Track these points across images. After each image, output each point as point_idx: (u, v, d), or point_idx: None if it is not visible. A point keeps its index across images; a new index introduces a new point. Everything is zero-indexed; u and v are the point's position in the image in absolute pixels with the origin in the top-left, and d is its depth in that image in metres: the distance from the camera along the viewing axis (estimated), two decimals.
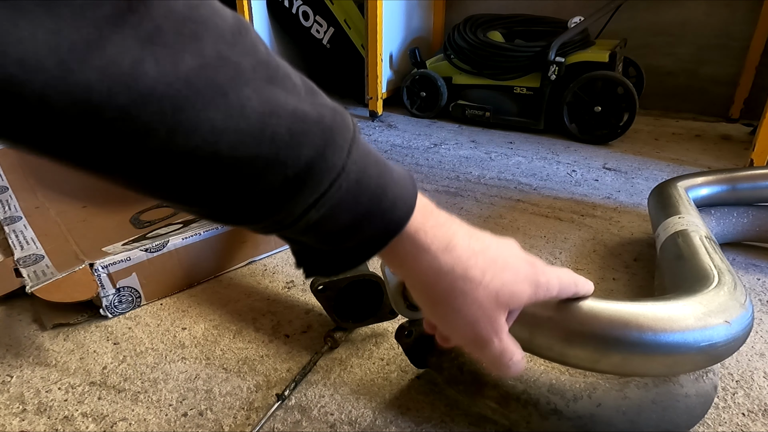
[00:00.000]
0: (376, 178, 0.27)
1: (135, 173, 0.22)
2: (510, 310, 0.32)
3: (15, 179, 0.93)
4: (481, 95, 1.42)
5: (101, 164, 0.22)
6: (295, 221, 0.25)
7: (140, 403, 0.51)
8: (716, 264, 0.48)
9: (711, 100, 1.53)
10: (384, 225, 0.28)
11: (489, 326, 0.31)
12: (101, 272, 0.60)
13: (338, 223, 0.26)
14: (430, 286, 0.30)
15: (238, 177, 0.23)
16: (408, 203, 0.28)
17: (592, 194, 1.01)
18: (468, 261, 0.30)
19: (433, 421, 0.48)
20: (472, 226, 0.32)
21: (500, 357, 0.32)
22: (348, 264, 0.29)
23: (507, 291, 0.31)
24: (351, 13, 1.56)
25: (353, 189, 0.26)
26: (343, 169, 0.25)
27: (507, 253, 0.32)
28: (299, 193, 0.24)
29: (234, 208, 0.25)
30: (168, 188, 0.23)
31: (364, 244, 0.28)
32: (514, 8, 1.61)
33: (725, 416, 0.49)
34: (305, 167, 0.24)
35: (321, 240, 0.28)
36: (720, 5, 1.44)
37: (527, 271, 0.32)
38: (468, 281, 0.30)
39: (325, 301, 0.56)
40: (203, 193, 0.23)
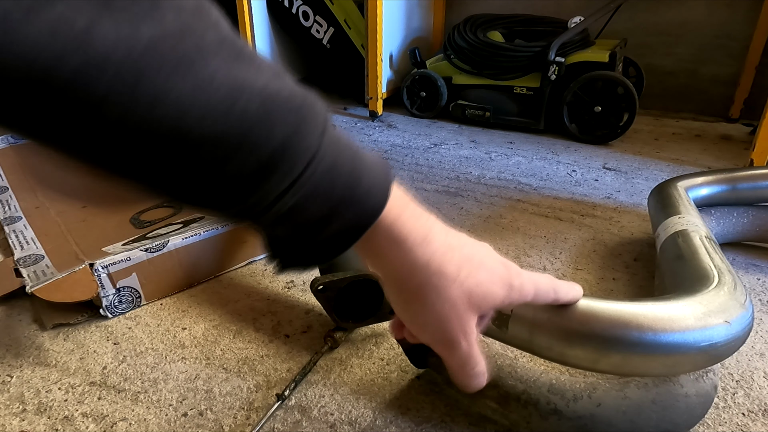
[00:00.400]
0: (350, 164, 0.26)
1: (94, 148, 0.21)
2: (481, 314, 0.31)
3: (15, 179, 0.93)
4: (481, 95, 1.42)
5: (56, 136, 0.20)
6: (267, 208, 0.24)
7: (140, 403, 0.51)
8: (716, 264, 0.48)
9: (711, 100, 1.53)
10: (358, 214, 0.26)
11: (458, 326, 0.30)
12: (101, 272, 0.60)
13: (312, 213, 0.25)
14: (404, 280, 0.30)
15: (206, 157, 0.21)
16: (383, 191, 0.27)
17: (592, 194, 1.01)
18: (444, 256, 0.29)
19: (433, 421, 0.48)
20: (446, 224, 0.31)
21: (466, 362, 0.31)
22: (323, 256, 0.28)
23: (480, 291, 0.30)
24: (351, 13, 1.56)
25: (327, 175, 0.25)
26: (317, 151, 0.24)
27: (483, 253, 0.32)
28: (272, 176, 0.23)
29: (203, 191, 0.23)
30: (130, 167, 0.22)
31: (338, 235, 0.27)
32: (514, 8, 1.61)
33: (725, 416, 0.49)
34: (279, 148, 0.22)
35: (294, 231, 0.26)
36: (720, 5, 1.44)
37: (502, 272, 0.32)
38: (442, 277, 0.29)
39: (325, 301, 0.56)
40: (169, 174, 0.22)
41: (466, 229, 0.88)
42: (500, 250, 0.79)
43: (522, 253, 0.79)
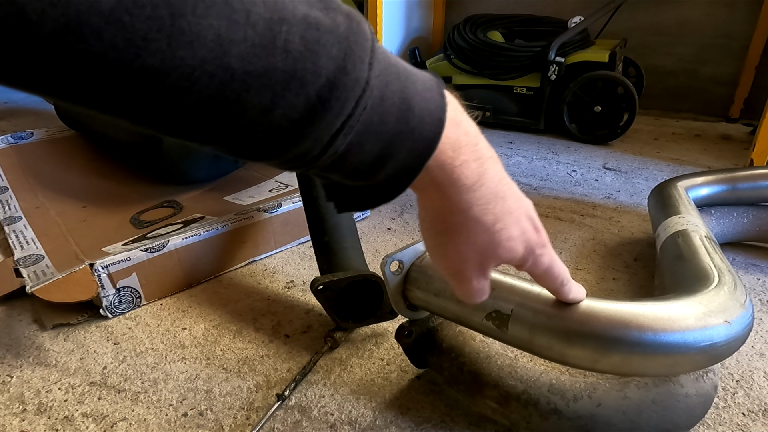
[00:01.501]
0: (400, 93, 0.24)
1: (139, 102, 0.19)
2: (501, 261, 0.32)
3: (15, 179, 0.93)
4: (481, 95, 1.42)
5: (97, 92, 0.19)
6: (321, 152, 0.23)
7: (140, 403, 0.51)
8: (716, 264, 0.48)
9: (711, 100, 1.53)
10: (414, 147, 0.25)
11: (476, 268, 0.31)
12: (101, 272, 0.60)
13: (366, 154, 0.24)
14: (441, 215, 0.30)
15: (254, 101, 0.20)
16: (436, 117, 0.26)
17: (592, 194, 1.01)
18: (487, 205, 0.29)
19: (433, 421, 0.48)
20: (502, 166, 0.31)
21: (473, 294, 0.33)
22: (382, 197, 0.27)
23: (507, 245, 0.31)
24: None
25: (378, 108, 0.23)
26: (367, 84, 0.22)
27: (522, 211, 0.32)
28: (324, 116, 0.22)
29: (255, 140, 0.22)
30: (177, 117, 0.20)
31: (393, 178, 0.26)
32: (514, 8, 1.61)
33: (725, 416, 0.49)
34: (327, 84, 0.21)
35: (350, 175, 0.25)
36: (720, 5, 1.44)
37: (531, 236, 0.32)
38: (478, 224, 0.29)
39: (325, 301, 0.56)
40: (218, 121, 0.21)
41: None
42: None
43: None
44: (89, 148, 1.07)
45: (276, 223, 0.77)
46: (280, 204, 0.77)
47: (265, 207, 0.76)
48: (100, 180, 0.94)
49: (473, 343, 0.47)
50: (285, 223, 0.78)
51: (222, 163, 0.94)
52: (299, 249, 0.80)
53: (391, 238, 0.84)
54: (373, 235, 0.84)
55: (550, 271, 0.34)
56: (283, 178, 0.92)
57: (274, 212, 0.76)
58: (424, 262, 0.45)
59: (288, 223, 0.78)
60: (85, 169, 0.98)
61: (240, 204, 0.82)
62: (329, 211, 0.63)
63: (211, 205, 0.82)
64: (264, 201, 0.82)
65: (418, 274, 0.45)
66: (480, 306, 0.40)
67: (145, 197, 0.86)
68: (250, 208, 0.77)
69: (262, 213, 0.75)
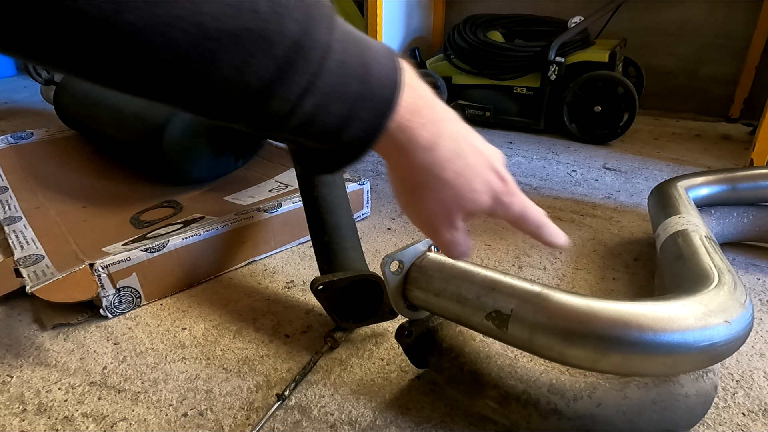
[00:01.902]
0: (358, 57, 0.26)
1: (118, 58, 0.21)
2: (469, 213, 0.35)
3: (15, 179, 0.93)
4: (481, 95, 1.42)
5: (74, 51, 0.20)
6: (290, 112, 0.25)
7: (140, 403, 0.51)
8: (716, 264, 0.48)
9: (711, 100, 1.53)
10: (375, 109, 0.27)
11: (445, 221, 0.34)
12: (101, 272, 0.60)
13: (332, 115, 0.26)
14: (405, 176, 0.32)
15: (228, 56, 0.22)
16: (392, 80, 0.28)
17: (592, 194, 1.01)
18: (446, 162, 0.31)
19: (433, 421, 0.48)
20: (463, 123, 0.33)
21: (447, 245, 0.36)
22: (348, 158, 0.29)
23: (471, 197, 0.33)
24: (351, 13, 1.56)
25: (340, 71, 0.25)
26: (329, 47, 0.24)
27: (485, 164, 0.34)
28: (291, 75, 0.23)
29: (228, 96, 0.23)
30: (154, 75, 0.22)
31: (362, 134, 0.28)
32: (514, 8, 1.61)
33: (725, 416, 0.49)
34: (293, 45, 0.23)
35: (318, 137, 0.27)
36: (720, 5, 1.44)
37: (496, 186, 0.34)
38: (439, 180, 0.32)
39: (325, 301, 0.56)
40: (194, 79, 0.22)
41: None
42: (500, 249, 0.79)
43: (522, 252, 0.79)
44: (89, 148, 1.07)
45: (276, 223, 0.77)
46: (280, 204, 0.77)
47: (265, 207, 0.76)
48: (100, 180, 0.94)
49: (473, 343, 0.47)
50: (285, 223, 0.78)
51: (222, 163, 0.94)
52: (299, 249, 0.80)
53: (391, 238, 0.84)
54: (373, 235, 0.84)
55: (524, 216, 0.36)
56: (283, 178, 0.92)
57: (274, 212, 0.76)
58: (424, 262, 0.45)
59: (288, 223, 0.78)
60: (85, 169, 0.98)
61: (240, 204, 0.82)
62: (329, 211, 0.63)
63: (211, 205, 0.82)
64: (264, 201, 0.82)
65: (418, 274, 0.45)
66: (480, 306, 0.40)
67: (145, 197, 0.86)
68: (250, 208, 0.77)
69: (262, 213, 0.75)
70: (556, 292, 0.38)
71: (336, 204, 0.64)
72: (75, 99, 1.03)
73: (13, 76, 2.20)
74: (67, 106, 1.06)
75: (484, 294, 0.40)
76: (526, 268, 0.75)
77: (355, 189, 0.86)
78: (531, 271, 0.74)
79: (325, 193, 0.65)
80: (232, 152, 0.94)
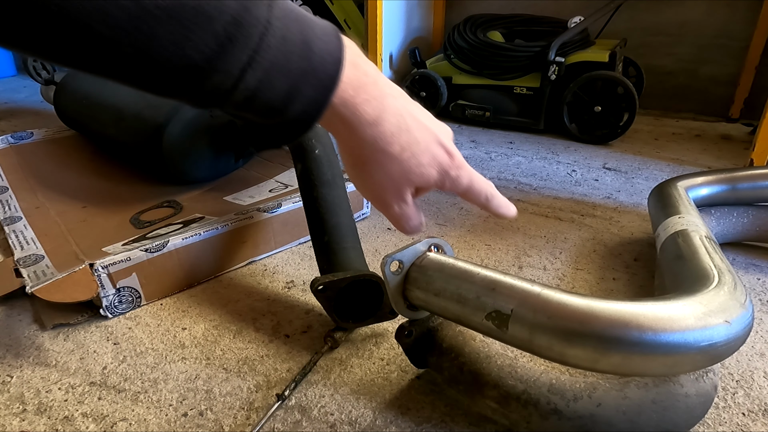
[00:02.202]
0: (300, 35, 0.27)
1: (58, 33, 0.21)
2: (418, 187, 0.36)
3: (15, 179, 0.93)
4: (481, 95, 1.42)
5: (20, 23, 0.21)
6: (233, 86, 0.25)
7: (140, 403, 0.51)
8: (716, 264, 0.48)
9: (711, 100, 1.53)
10: (318, 84, 0.28)
11: (393, 194, 0.35)
12: (101, 272, 0.60)
13: (276, 90, 0.27)
14: (352, 150, 0.34)
15: (167, 31, 0.23)
16: (335, 56, 0.29)
17: (592, 194, 1.01)
18: (391, 137, 0.33)
19: (433, 421, 0.48)
20: (410, 99, 0.35)
21: (398, 219, 0.37)
22: (294, 133, 0.30)
23: (418, 171, 0.34)
24: (351, 13, 1.56)
25: (281, 47, 0.26)
26: (269, 23, 0.25)
27: (431, 138, 0.35)
28: (232, 49, 0.24)
29: (171, 70, 0.24)
30: (96, 49, 0.22)
31: (306, 108, 0.29)
32: (514, 8, 1.61)
33: (725, 416, 0.49)
34: (232, 21, 0.24)
35: (264, 112, 0.28)
36: (720, 5, 1.44)
37: (443, 160, 0.35)
38: (386, 155, 0.33)
39: (325, 301, 0.56)
40: (136, 53, 0.23)
41: (465, 229, 0.88)
42: (500, 249, 0.79)
43: (522, 252, 0.79)
44: (89, 148, 1.07)
45: (276, 223, 0.77)
46: (280, 204, 0.77)
47: (265, 207, 0.76)
48: (100, 180, 0.94)
49: (473, 343, 0.47)
50: (285, 223, 0.78)
51: (222, 163, 0.94)
52: (299, 249, 0.80)
53: (391, 238, 0.84)
54: (373, 235, 0.84)
55: (471, 189, 0.38)
56: (283, 178, 0.92)
57: (274, 212, 0.76)
58: (424, 262, 0.45)
59: (288, 223, 0.78)
60: (85, 169, 0.98)
61: (240, 204, 0.82)
62: (329, 211, 0.63)
63: (211, 205, 0.82)
64: (264, 201, 0.82)
65: (418, 274, 0.45)
66: (480, 306, 0.40)
67: (145, 197, 0.86)
68: (250, 208, 0.77)
69: (262, 213, 0.75)
70: (556, 292, 0.38)
71: (336, 204, 0.64)
72: (75, 99, 1.03)
73: (13, 76, 2.20)
74: (67, 106, 1.06)
75: (484, 294, 0.40)
76: (526, 268, 0.75)
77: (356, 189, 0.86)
78: (531, 271, 0.74)
79: (325, 193, 0.65)
80: (232, 152, 0.94)
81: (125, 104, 0.90)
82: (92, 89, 1.00)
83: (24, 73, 2.13)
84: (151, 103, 0.87)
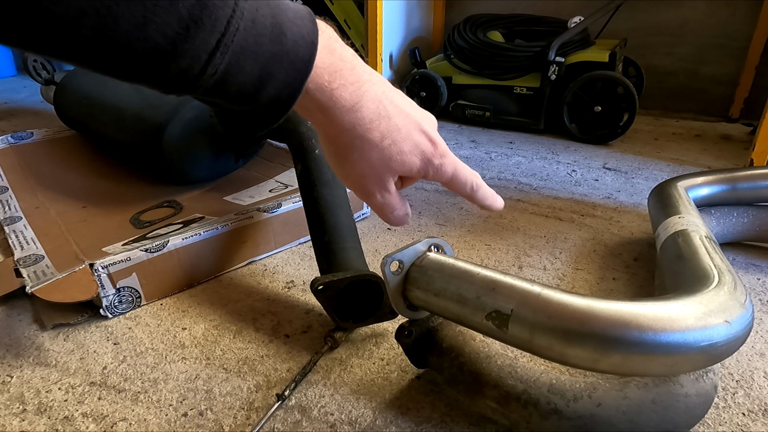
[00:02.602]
0: (271, 18, 0.26)
1: (5, 9, 0.21)
2: (401, 176, 0.35)
3: (15, 179, 0.93)
4: (481, 95, 1.42)
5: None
6: (202, 71, 0.25)
7: (140, 403, 0.51)
8: (716, 264, 0.48)
9: (711, 100, 1.53)
10: (291, 69, 0.27)
11: (375, 183, 0.34)
12: (101, 272, 0.60)
13: (245, 76, 0.26)
14: (332, 137, 0.33)
15: (126, 12, 0.22)
16: (309, 40, 0.28)
17: (592, 194, 1.01)
18: (370, 123, 0.32)
19: (433, 421, 0.48)
20: (391, 86, 0.34)
21: (381, 208, 0.36)
22: (270, 119, 0.29)
23: (400, 159, 0.33)
24: (351, 13, 1.56)
25: (251, 30, 0.25)
26: (236, 5, 0.25)
27: (413, 126, 0.34)
28: (197, 33, 0.24)
29: (133, 53, 0.23)
30: (51, 31, 0.22)
31: (276, 99, 0.28)
32: (514, 8, 1.61)
33: (725, 416, 0.49)
34: (197, 3, 0.23)
35: (235, 98, 0.27)
36: (720, 5, 1.44)
37: (426, 148, 0.35)
38: (365, 141, 0.32)
39: (325, 301, 0.56)
40: (94, 35, 0.22)
41: (465, 229, 0.88)
42: (500, 249, 0.79)
43: (522, 252, 0.79)
44: (89, 148, 1.07)
45: (276, 223, 0.77)
46: (280, 204, 0.77)
47: (265, 207, 0.76)
48: (100, 180, 0.94)
49: (473, 343, 0.47)
50: (285, 223, 0.78)
51: (222, 163, 0.94)
52: (299, 249, 0.80)
53: (391, 238, 0.84)
54: (373, 235, 0.84)
55: (456, 178, 0.37)
56: (283, 178, 0.92)
57: (274, 212, 0.76)
58: (424, 262, 0.45)
59: (288, 223, 0.78)
60: (85, 169, 0.98)
61: (240, 204, 0.82)
62: (329, 211, 0.63)
63: (211, 205, 0.82)
64: (264, 201, 0.82)
65: (418, 274, 0.45)
66: (480, 306, 0.40)
67: (145, 197, 0.86)
68: (250, 208, 0.77)
69: (262, 213, 0.75)
70: (556, 292, 0.38)
71: (336, 204, 0.64)
72: (75, 99, 1.03)
73: (13, 76, 2.20)
74: (67, 106, 1.06)
75: (484, 294, 0.40)
76: (526, 268, 0.75)
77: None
78: (531, 271, 0.74)
79: (325, 193, 0.65)
80: (232, 152, 0.94)
81: (125, 104, 0.90)
82: (92, 89, 1.00)
83: (24, 73, 2.13)
84: (151, 103, 0.87)
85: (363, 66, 0.32)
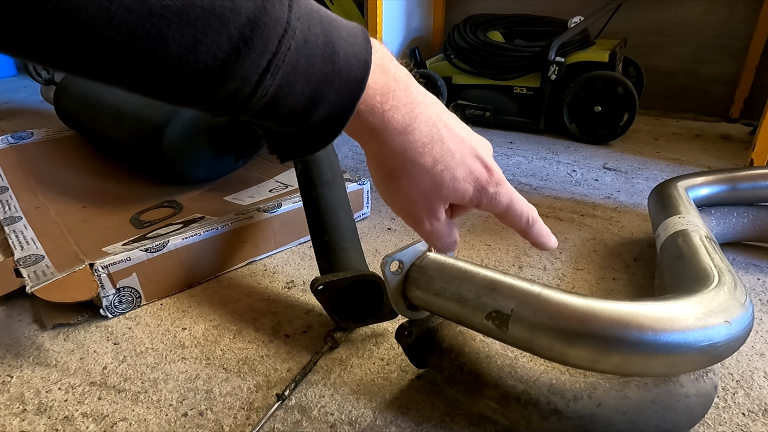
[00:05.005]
0: (323, 36, 0.25)
1: (59, 38, 0.20)
2: (453, 204, 0.33)
3: (15, 179, 0.93)
4: (481, 95, 1.42)
5: (16, 25, 0.19)
6: (252, 93, 0.24)
7: (140, 403, 0.51)
8: (716, 264, 0.48)
9: (711, 100, 1.53)
10: (343, 89, 0.26)
11: (425, 210, 0.33)
12: (101, 272, 0.60)
13: (297, 95, 0.25)
14: (381, 160, 0.31)
15: (176, 34, 0.21)
16: (361, 59, 0.27)
17: (592, 194, 1.01)
18: (423, 147, 0.30)
19: (433, 421, 0.48)
20: (445, 109, 0.32)
21: (429, 236, 0.35)
22: (319, 141, 0.28)
23: (452, 186, 0.32)
24: (351, 13, 1.56)
25: (302, 50, 0.24)
26: (288, 24, 0.24)
27: (469, 152, 0.32)
28: (248, 54, 0.23)
29: (183, 75, 0.22)
30: (102, 53, 0.21)
31: (330, 115, 0.27)
32: (514, 8, 1.61)
33: (725, 416, 0.49)
34: (248, 23, 0.22)
35: (285, 120, 0.26)
36: (720, 5, 1.44)
37: (481, 175, 0.33)
38: (416, 166, 0.31)
39: (325, 301, 0.56)
40: (144, 58, 0.21)
41: (465, 229, 0.88)
42: (500, 249, 0.79)
43: (522, 252, 0.79)
44: (89, 148, 1.07)
45: (276, 223, 0.77)
46: (280, 204, 0.77)
47: (265, 207, 0.76)
48: (100, 180, 0.94)
49: (473, 343, 0.47)
50: (285, 223, 0.78)
51: (222, 163, 0.94)
52: (299, 249, 0.80)
53: (391, 238, 0.84)
54: (373, 235, 0.84)
55: (511, 210, 0.35)
56: (283, 179, 0.92)
57: (274, 212, 0.76)
58: (424, 262, 0.45)
59: (288, 223, 0.78)
60: (85, 169, 0.98)
61: (240, 204, 0.82)
62: (329, 211, 0.63)
63: (211, 205, 0.82)
64: (264, 201, 0.82)
65: (418, 274, 0.45)
66: (480, 306, 0.40)
67: (145, 197, 0.86)
68: (250, 208, 0.77)
69: (262, 213, 0.75)
70: (556, 292, 0.38)
71: (336, 204, 0.64)
72: (75, 99, 1.03)
73: (13, 76, 2.20)
74: (67, 106, 1.06)
75: (484, 294, 0.40)
76: (526, 268, 0.75)
77: (355, 189, 0.86)
78: (531, 271, 0.74)
79: (325, 193, 0.65)
80: (232, 152, 0.94)
81: (125, 104, 0.90)
82: (92, 89, 1.00)
83: (24, 73, 2.13)
84: (151, 103, 0.87)
85: (417, 86, 0.31)
